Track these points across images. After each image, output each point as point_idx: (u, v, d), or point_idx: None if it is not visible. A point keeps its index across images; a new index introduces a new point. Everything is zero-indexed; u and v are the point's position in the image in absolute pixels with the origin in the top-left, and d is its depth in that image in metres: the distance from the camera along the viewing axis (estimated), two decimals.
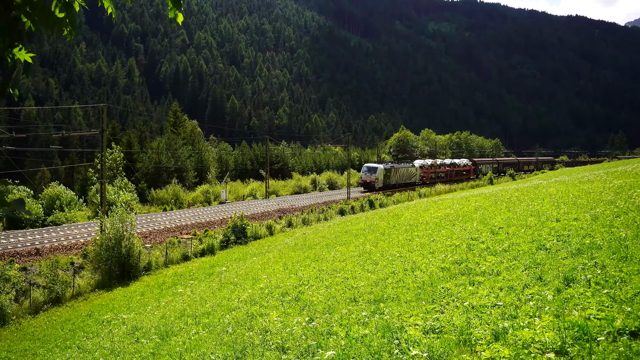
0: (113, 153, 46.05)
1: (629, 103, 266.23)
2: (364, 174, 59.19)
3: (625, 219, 9.33)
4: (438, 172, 71.78)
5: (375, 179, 57.36)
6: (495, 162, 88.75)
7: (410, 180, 64.99)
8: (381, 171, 57.98)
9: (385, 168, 59.01)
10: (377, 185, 57.38)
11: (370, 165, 59.67)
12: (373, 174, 57.62)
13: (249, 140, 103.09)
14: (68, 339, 13.39)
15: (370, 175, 57.89)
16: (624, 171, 22.66)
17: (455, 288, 6.91)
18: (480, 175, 78.51)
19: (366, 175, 58.51)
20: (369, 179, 58.01)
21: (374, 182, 57.24)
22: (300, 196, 56.00)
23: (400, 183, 62.47)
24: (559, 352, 4.09)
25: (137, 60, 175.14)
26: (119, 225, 21.53)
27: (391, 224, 19.06)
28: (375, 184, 57.22)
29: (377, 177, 57.38)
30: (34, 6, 2.54)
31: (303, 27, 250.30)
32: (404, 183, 63.42)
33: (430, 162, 71.56)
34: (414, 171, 66.07)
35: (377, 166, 58.67)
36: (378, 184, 57.44)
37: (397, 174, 61.45)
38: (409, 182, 64.38)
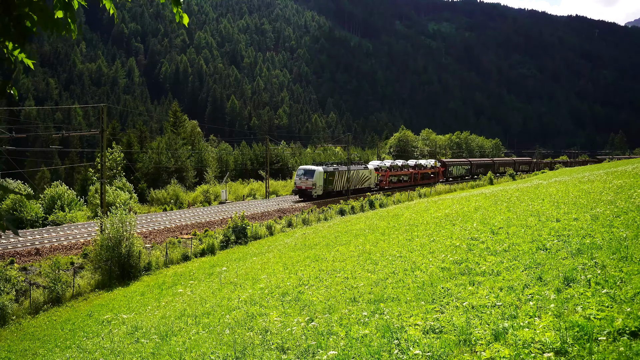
0: (113, 153, 46.10)
1: (629, 103, 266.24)
2: (298, 179, 47.75)
3: (625, 219, 9.33)
4: (400, 175, 62.98)
5: (311, 185, 46.51)
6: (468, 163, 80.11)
7: (362, 186, 55.19)
8: (319, 175, 47.25)
9: (327, 171, 48.57)
10: (314, 193, 46.87)
11: (306, 168, 48.88)
12: (309, 178, 46.63)
13: (248, 140, 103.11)
14: (68, 339, 13.39)
15: (305, 181, 46.74)
16: (624, 171, 22.66)
17: (455, 288, 6.91)
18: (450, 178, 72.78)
19: (301, 181, 47.23)
20: (304, 185, 46.83)
21: (310, 188, 46.48)
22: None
23: (349, 189, 52.20)
24: (559, 352, 4.09)
25: (137, 60, 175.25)
26: (119, 225, 21.54)
27: (391, 224, 19.06)
28: (312, 191, 46.67)
29: (315, 182, 46.55)
30: (34, 6, 2.54)
31: (303, 27, 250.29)
32: (354, 189, 53.47)
33: (390, 164, 62.04)
34: (367, 174, 55.82)
35: (315, 169, 47.60)
36: (316, 190, 46.95)
37: (342, 178, 51.31)
38: (360, 188, 54.70)
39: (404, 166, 64.03)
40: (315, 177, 46.80)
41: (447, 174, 72.23)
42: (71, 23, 2.83)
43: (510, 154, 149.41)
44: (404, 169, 63.69)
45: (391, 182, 60.76)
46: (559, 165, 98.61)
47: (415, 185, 61.98)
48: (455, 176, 73.91)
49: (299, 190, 47.31)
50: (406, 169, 64.26)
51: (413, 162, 67.70)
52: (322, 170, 47.71)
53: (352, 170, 52.71)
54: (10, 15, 2.42)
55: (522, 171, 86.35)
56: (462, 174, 75.95)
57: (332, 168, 49.96)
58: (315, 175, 46.84)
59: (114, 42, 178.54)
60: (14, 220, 2.29)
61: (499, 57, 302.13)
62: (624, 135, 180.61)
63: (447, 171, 72.35)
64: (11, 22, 2.44)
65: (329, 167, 49.76)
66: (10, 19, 2.43)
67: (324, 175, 47.82)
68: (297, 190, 47.73)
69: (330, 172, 49.23)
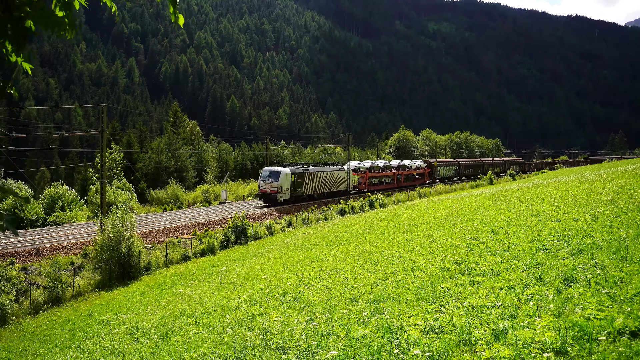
0: (113, 153, 46.10)
1: (629, 103, 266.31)
2: (261, 181, 42.47)
3: (625, 219, 9.33)
4: (381, 176, 58.45)
5: (277, 189, 41.48)
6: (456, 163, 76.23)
7: (338, 189, 50.23)
8: (286, 177, 42.10)
9: (295, 172, 43.37)
10: (280, 197, 41.86)
11: (271, 169, 43.11)
12: (274, 181, 41.55)
13: (248, 140, 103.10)
14: (68, 339, 13.39)
15: (270, 183, 41.65)
16: (624, 171, 22.66)
17: (455, 288, 6.91)
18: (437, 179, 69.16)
19: (265, 183, 42.04)
20: (268, 189, 41.74)
21: (275, 192, 41.50)
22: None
23: (321, 192, 47.68)
24: (559, 351, 4.09)
25: (137, 60, 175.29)
26: (119, 225, 21.54)
27: (391, 224, 19.06)
28: (278, 195, 41.65)
29: (280, 185, 41.53)
30: (34, 6, 2.54)
31: (303, 27, 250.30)
32: (328, 192, 48.78)
33: (370, 164, 56.86)
34: (342, 176, 50.82)
35: (281, 170, 42.29)
36: (282, 195, 41.97)
37: (314, 181, 46.21)
38: (335, 191, 49.95)
39: (385, 167, 59.64)
40: (281, 180, 41.57)
41: (433, 175, 68.92)
42: (69, 24, 2.83)
43: (510, 154, 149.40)
44: (385, 169, 59.28)
45: (371, 184, 56.68)
46: (559, 165, 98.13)
47: (398, 188, 58.40)
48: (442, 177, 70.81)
49: (263, 194, 42.24)
50: (388, 170, 59.93)
51: (396, 162, 63.42)
52: (289, 171, 42.48)
53: (326, 172, 48.13)
54: (9, 15, 2.42)
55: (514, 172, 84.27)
56: (450, 175, 73.02)
57: (301, 169, 44.95)
58: (281, 178, 41.59)
59: (114, 42, 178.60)
60: (13, 221, 2.28)
61: (499, 57, 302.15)
62: (624, 135, 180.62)
63: (433, 172, 68.91)
64: (9, 24, 2.44)
65: (297, 168, 44.87)
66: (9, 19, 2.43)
67: (292, 178, 42.68)
68: (260, 194, 42.50)
69: (299, 174, 44.03)
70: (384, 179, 59.08)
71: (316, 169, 46.95)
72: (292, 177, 42.87)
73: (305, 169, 45.46)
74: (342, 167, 51.98)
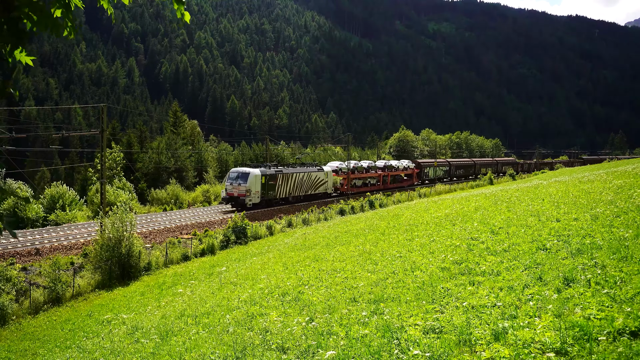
0: (113, 153, 46.11)
1: (629, 103, 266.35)
2: (228, 184, 38.51)
3: (625, 219, 9.33)
4: (365, 177, 55.54)
5: (245, 192, 37.55)
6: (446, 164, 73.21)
7: (316, 191, 46.52)
8: (256, 179, 38.18)
9: (266, 174, 39.49)
10: (249, 201, 37.86)
11: (239, 170, 39.21)
12: (242, 183, 37.70)
13: (248, 140, 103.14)
14: (68, 339, 13.39)
15: (238, 186, 37.73)
16: (624, 171, 22.66)
17: (455, 288, 6.91)
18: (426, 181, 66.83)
19: (232, 186, 38.07)
20: (236, 192, 37.76)
21: (243, 195, 37.52)
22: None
23: (297, 195, 44.22)
24: (559, 352, 4.09)
25: (137, 60, 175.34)
26: (119, 225, 21.54)
27: (391, 224, 19.06)
28: (246, 199, 37.64)
29: (249, 187, 37.60)
30: (33, 7, 2.54)
31: (303, 27, 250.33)
32: (305, 195, 45.27)
33: (353, 165, 53.61)
34: (321, 177, 46.97)
35: (250, 171, 38.37)
36: (251, 198, 38.07)
37: (288, 183, 42.50)
38: (313, 194, 46.24)
39: (370, 168, 56.42)
40: (250, 182, 37.68)
41: (422, 176, 66.30)
42: (69, 23, 2.83)
43: (510, 154, 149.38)
44: (370, 170, 56.20)
45: (354, 186, 53.52)
46: (559, 165, 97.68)
47: (383, 190, 55.46)
48: (431, 178, 68.03)
49: (229, 198, 38.20)
50: (373, 171, 56.90)
51: (382, 162, 60.37)
52: (258, 173, 38.61)
53: (302, 173, 44.27)
54: (7, 16, 2.42)
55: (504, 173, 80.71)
56: (440, 176, 70.36)
57: (273, 170, 41.13)
58: (250, 179, 37.70)
59: (114, 42, 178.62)
60: (12, 223, 2.28)
61: (499, 57, 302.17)
62: (624, 135, 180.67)
63: (422, 173, 66.27)
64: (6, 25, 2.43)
65: (269, 169, 40.97)
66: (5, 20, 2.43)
67: (262, 179, 38.86)
68: (227, 198, 38.45)
69: (271, 176, 40.13)
70: (368, 180, 56.54)
71: (291, 170, 43.42)
72: (263, 179, 38.93)
73: (279, 170, 41.81)
74: (321, 167, 48.17)
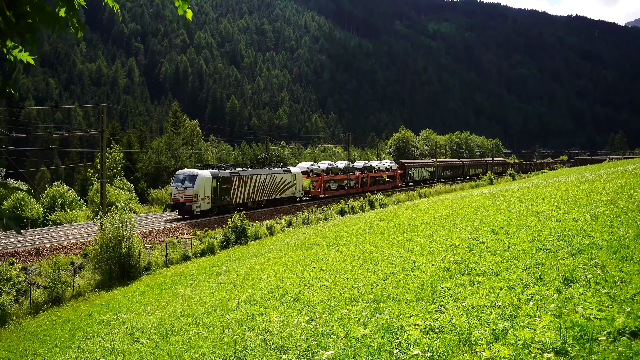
0: (113, 153, 46.14)
1: (629, 103, 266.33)
2: (174, 188, 34.20)
3: (625, 219, 9.33)
4: (341, 179, 51.30)
5: (192, 197, 33.14)
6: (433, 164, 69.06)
7: (282, 195, 41.99)
8: (204, 182, 33.86)
9: (218, 176, 35.09)
10: (196, 208, 33.55)
11: (186, 172, 34.90)
12: (189, 187, 33.35)
13: (248, 140, 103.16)
14: (68, 339, 13.39)
15: (184, 191, 33.40)
16: (624, 171, 22.67)
17: (455, 288, 6.90)
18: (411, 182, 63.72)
19: (178, 191, 33.75)
20: (182, 197, 33.41)
21: (189, 201, 33.16)
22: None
23: (258, 200, 39.53)
24: (559, 352, 4.09)
25: (137, 60, 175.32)
26: (119, 225, 21.55)
27: (391, 224, 19.06)
28: (194, 205, 33.31)
29: (197, 192, 33.27)
30: (34, 6, 2.55)
31: (303, 27, 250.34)
32: (268, 200, 40.74)
33: (327, 166, 49.24)
34: (288, 180, 42.47)
35: (198, 173, 34.05)
36: (199, 204, 33.68)
37: (246, 186, 37.91)
38: (278, 199, 41.74)
39: (347, 169, 52.08)
40: (198, 185, 33.37)
41: (406, 177, 62.42)
42: (76, 21, 2.84)
43: (510, 154, 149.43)
44: (348, 172, 52.00)
45: (328, 188, 49.32)
46: (559, 165, 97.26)
47: (362, 193, 51.83)
48: (416, 180, 64.84)
49: (175, 205, 33.77)
50: (351, 172, 52.62)
51: (361, 163, 56.49)
52: (208, 175, 34.28)
53: (264, 175, 39.75)
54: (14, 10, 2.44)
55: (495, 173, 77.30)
56: (426, 177, 66.94)
57: (228, 172, 36.50)
58: (198, 183, 33.37)
59: (114, 42, 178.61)
60: (16, 219, 2.28)
61: (499, 57, 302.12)
62: (624, 135, 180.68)
63: (406, 174, 62.23)
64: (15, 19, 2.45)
65: (223, 170, 36.65)
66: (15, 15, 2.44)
67: (214, 183, 34.59)
68: (172, 205, 33.93)
69: (225, 178, 35.71)
70: (345, 182, 52.02)
71: (250, 172, 38.92)
72: (215, 182, 34.69)
73: (234, 172, 37.18)
74: (287, 169, 43.54)
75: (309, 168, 47.32)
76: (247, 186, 38.14)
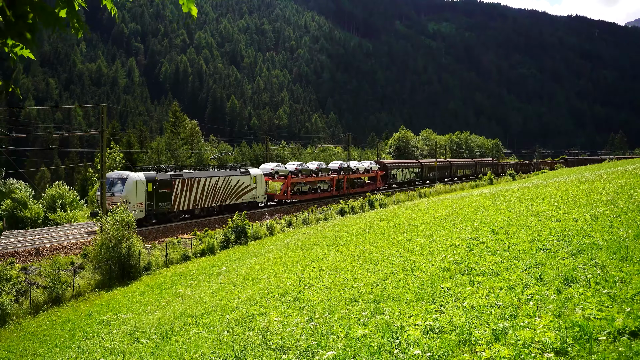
0: (113, 153, 46.14)
1: (629, 103, 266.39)
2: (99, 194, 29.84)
3: (625, 219, 9.33)
4: (313, 182, 46.58)
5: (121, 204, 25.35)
6: (418, 165, 64.82)
7: (240, 200, 37.22)
8: (136, 186, 29.19)
9: (154, 179, 30.40)
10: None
11: (116, 175, 30.09)
12: (117, 192, 28.75)
13: (248, 140, 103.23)
14: (68, 339, 13.39)
15: (111, 197, 28.53)
16: (624, 171, 22.67)
17: (455, 288, 6.90)
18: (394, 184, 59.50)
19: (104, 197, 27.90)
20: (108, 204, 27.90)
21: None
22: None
23: (209, 207, 34.95)
24: (559, 352, 4.09)
25: (137, 60, 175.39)
26: (118, 225, 21.54)
27: (391, 224, 19.06)
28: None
29: (127, 198, 28.47)
30: (34, 6, 2.55)
31: (303, 27, 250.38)
32: (221, 205, 36.10)
33: (295, 167, 44.12)
34: (246, 183, 37.67)
35: (129, 176, 29.39)
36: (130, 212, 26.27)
37: (192, 191, 33.17)
38: (233, 204, 36.70)
39: (320, 170, 47.25)
40: (128, 190, 28.71)
41: (388, 179, 58.07)
42: (76, 22, 2.84)
43: (510, 154, 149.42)
44: (320, 173, 47.03)
45: (298, 192, 44.54)
46: (559, 165, 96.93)
47: (337, 197, 47.35)
48: (400, 182, 60.91)
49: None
50: (324, 174, 47.70)
51: (336, 164, 51.36)
52: (142, 178, 29.64)
53: (215, 178, 34.82)
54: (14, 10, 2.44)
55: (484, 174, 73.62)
56: (411, 178, 63.16)
57: (168, 174, 31.63)
58: (128, 187, 28.78)
59: (114, 42, 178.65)
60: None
61: (499, 57, 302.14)
62: (624, 135, 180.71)
63: (388, 176, 57.79)
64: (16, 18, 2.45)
65: (163, 172, 31.88)
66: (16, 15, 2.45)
67: (149, 187, 29.92)
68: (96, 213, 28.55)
69: (164, 182, 30.95)
70: (318, 185, 47.52)
71: (197, 174, 34.00)
72: (150, 186, 29.98)
73: (176, 175, 32.32)
74: (246, 170, 38.52)
75: (273, 169, 42.35)
76: (193, 190, 33.19)
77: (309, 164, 48.83)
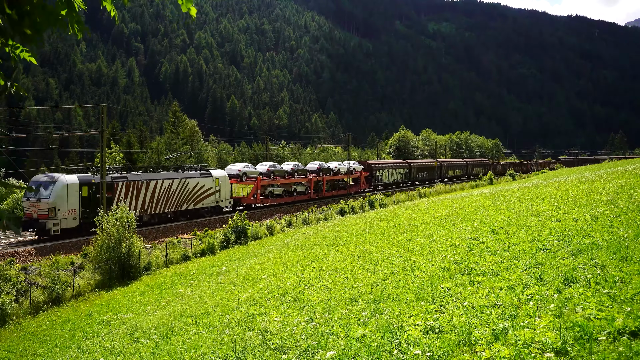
0: (113, 153, 46.15)
1: (629, 103, 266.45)
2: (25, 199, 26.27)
3: (625, 219, 9.32)
4: (288, 184, 43.01)
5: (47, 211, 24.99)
6: (406, 166, 61.55)
7: (199, 205, 34.04)
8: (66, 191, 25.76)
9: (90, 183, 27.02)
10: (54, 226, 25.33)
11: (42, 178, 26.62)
12: (44, 198, 25.15)
13: (248, 140, 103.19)
14: (68, 339, 13.39)
15: (37, 203, 25.20)
16: (624, 171, 22.67)
17: (455, 288, 6.90)
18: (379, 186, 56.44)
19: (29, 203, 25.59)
20: (34, 211, 25.20)
21: (44, 217, 25.03)
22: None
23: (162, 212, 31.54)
24: (559, 352, 4.09)
25: (137, 60, 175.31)
26: (118, 225, 21.54)
27: (391, 224, 19.05)
28: (49, 223, 25.12)
29: (56, 204, 25.17)
30: (34, 6, 2.55)
31: (303, 27, 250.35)
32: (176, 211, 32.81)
33: (267, 167, 40.82)
34: (207, 186, 34.53)
35: (58, 179, 25.88)
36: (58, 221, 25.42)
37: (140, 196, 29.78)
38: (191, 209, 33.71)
39: (296, 170, 43.80)
40: (57, 195, 25.32)
41: (373, 180, 54.99)
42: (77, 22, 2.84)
43: (510, 154, 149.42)
44: (297, 174, 43.56)
45: (270, 195, 41.07)
46: (559, 165, 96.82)
47: (316, 200, 44.33)
48: (386, 184, 57.76)
49: (28, 221, 25.16)
50: (302, 175, 44.36)
51: (315, 164, 47.42)
52: (74, 181, 26.22)
53: (168, 180, 31.44)
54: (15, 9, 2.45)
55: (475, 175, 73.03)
56: (398, 180, 59.99)
57: (109, 177, 28.01)
58: (57, 192, 25.37)
59: (114, 42, 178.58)
60: (15, 220, 2.29)
61: (499, 57, 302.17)
62: (624, 135, 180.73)
63: (373, 177, 54.78)
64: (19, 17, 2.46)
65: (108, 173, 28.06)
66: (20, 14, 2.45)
67: (83, 191, 26.47)
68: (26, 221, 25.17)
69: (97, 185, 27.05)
70: (293, 187, 43.88)
71: (146, 177, 30.49)
72: (85, 190, 26.45)
73: (119, 176, 28.92)
74: (207, 172, 35.49)
75: (240, 170, 38.96)
76: (140, 195, 29.58)
77: (284, 164, 45.53)
